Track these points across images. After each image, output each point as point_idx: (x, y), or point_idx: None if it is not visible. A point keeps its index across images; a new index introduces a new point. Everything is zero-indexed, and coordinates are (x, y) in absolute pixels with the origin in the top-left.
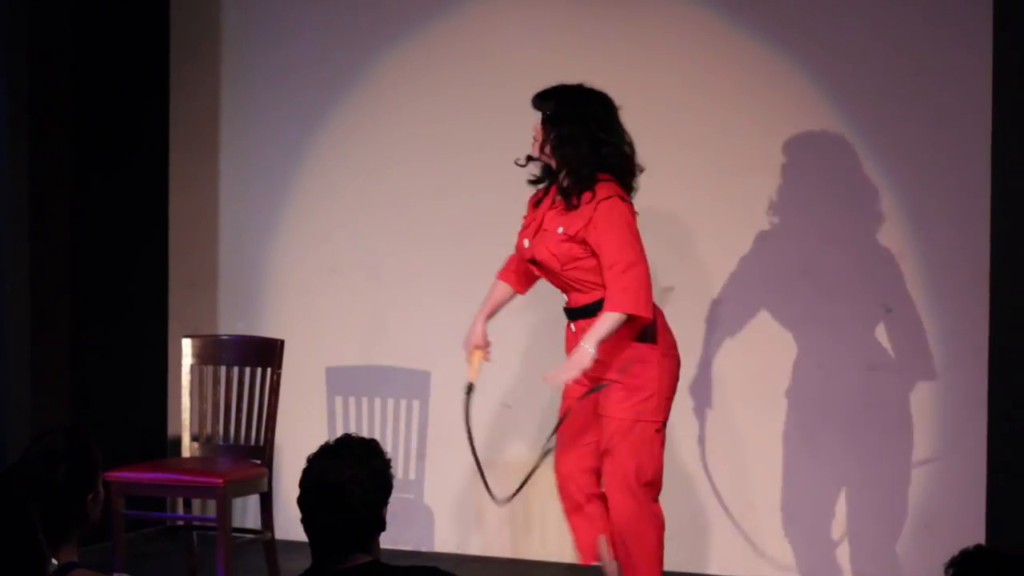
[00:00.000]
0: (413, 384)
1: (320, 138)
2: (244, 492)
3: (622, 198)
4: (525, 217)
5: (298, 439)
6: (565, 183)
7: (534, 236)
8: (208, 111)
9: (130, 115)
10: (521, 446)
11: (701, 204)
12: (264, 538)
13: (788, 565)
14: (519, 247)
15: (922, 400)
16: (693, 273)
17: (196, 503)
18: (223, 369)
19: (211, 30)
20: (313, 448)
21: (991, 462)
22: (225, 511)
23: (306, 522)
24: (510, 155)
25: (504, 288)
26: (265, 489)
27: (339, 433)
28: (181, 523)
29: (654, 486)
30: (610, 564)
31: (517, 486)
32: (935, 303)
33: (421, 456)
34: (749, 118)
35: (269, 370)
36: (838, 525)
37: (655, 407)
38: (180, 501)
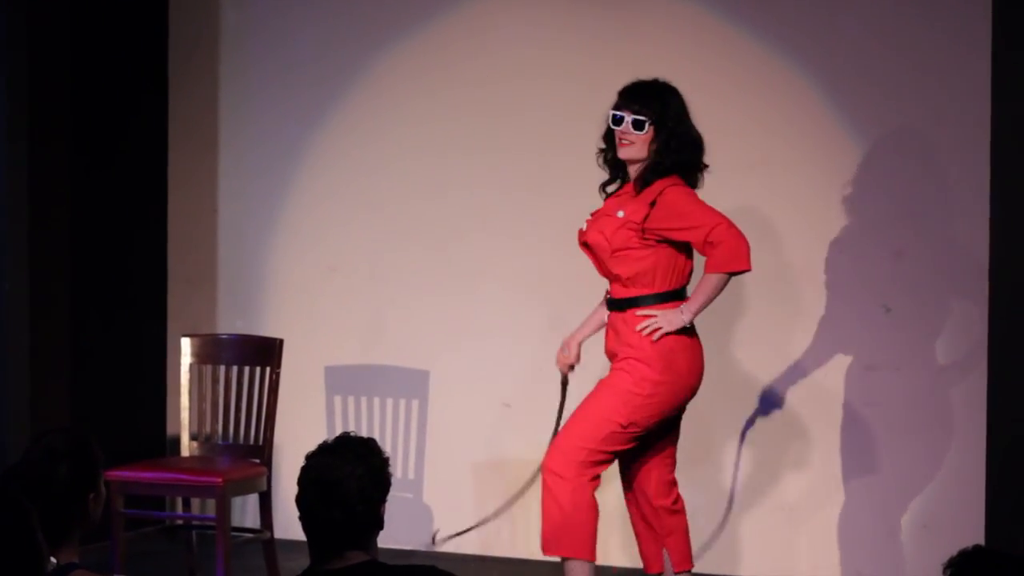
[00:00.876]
0: (412, 383)
1: (319, 136)
2: (243, 491)
3: (682, 182)
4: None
5: (297, 438)
6: (645, 176)
7: (592, 221)
8: (207, 109)
9: (129, 113)
10: (522, 445)
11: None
12: (263, 537)
13: (787, 564)
14: (579, 232)
15: (921, 400)
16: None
17: (195, 502)
18: (222, 368)
19: (210, 29)
20: (312, 447)
21: (990, 462)
22: (224, 510)
23: (304, 519)
24: (510, 153)
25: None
26: (264, 488)
27: (338, 432)
28: (180, 522)
29: (587, 466)
30: None
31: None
32: (934, 303)
33: (420, 455)
34: (747, 117)
35: (268, 369)
36: (837, 525)
37: (632, 408)
38: (179, 500)
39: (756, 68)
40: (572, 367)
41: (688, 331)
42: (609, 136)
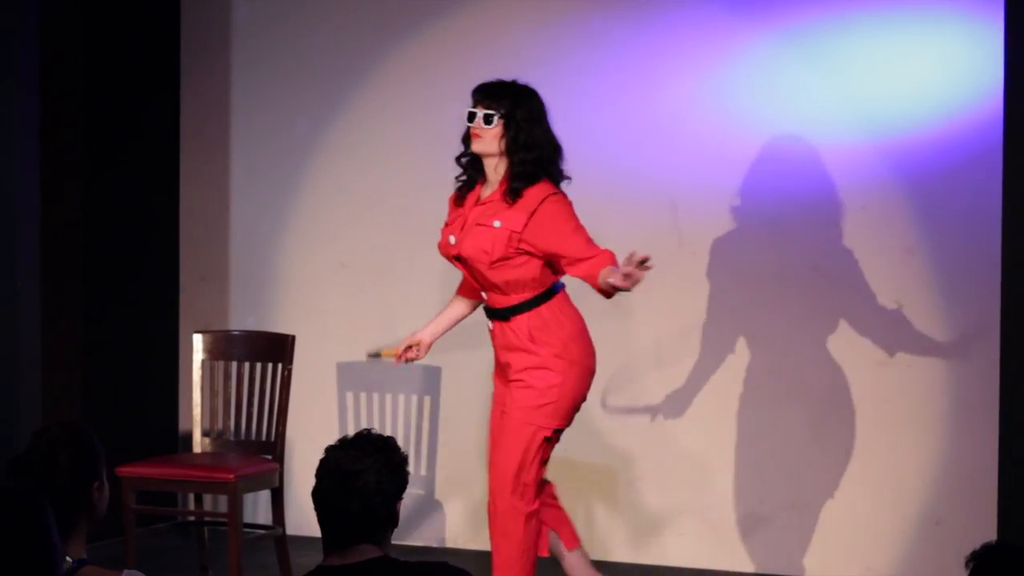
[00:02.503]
0: (424, 379)
1: (330, 133)
2: (255, 488)
3: (562, 194)
4: (449, 215)
5: (309, 435)
6: (514, 184)
7: (460, 232)
8: (218, 106)
9: (141, 111)
10: None
11: (708, 201)
12: (275, 534)
13: (799, 560)
14: (443, 244)
15: (933, 395)
16: (702, 270)
17: (207, 498)
18: (234, 364)
19: (221, 25)
20: (324, 443)
21: (1003, 457)
22: (236, 506)
23: (320, 509)
24: None
25: (460, 302)
26: (276, 484)
27: (350, 428)
28: (192, 518)
29: (531, 487)
30: (569, 556)
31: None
32: (946, 298)
33: (432, 452)
34: (758, 114)
35: (280, 365)
36: (849, 520)
37: (551, 414)
38: (191, 496)
39: (764, 65)
40: (411, 360)
41: (576, 317)
42: (465, 135)
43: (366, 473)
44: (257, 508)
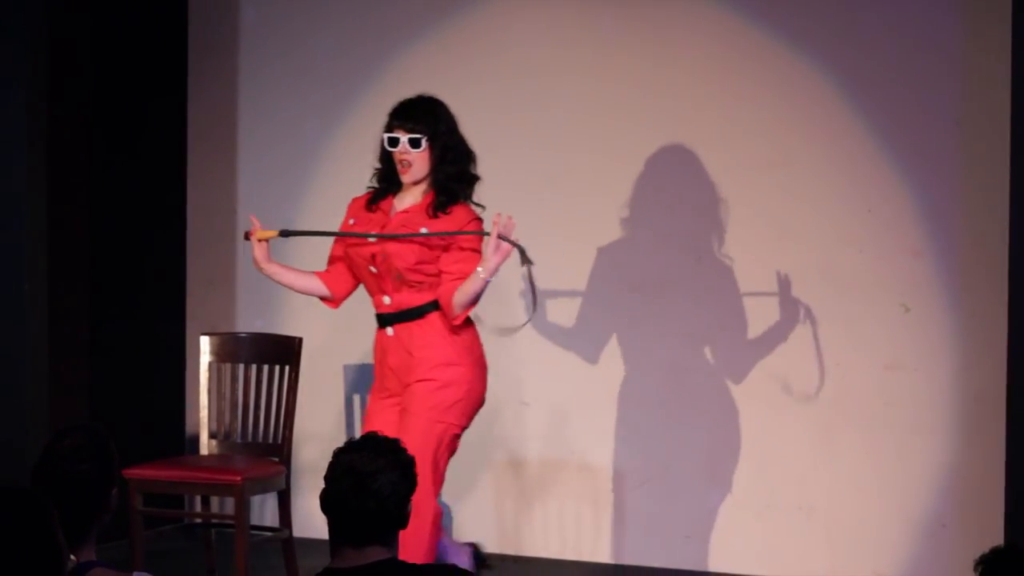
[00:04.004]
0: None
1: (337, 135)
2: (262, 490)
3: (478, 221)
4: (354, 217)
5: (316, 437)
6: (439, 198)
7: (381, 231)
8: (226, 108)
9: (148, 113)
10: (541, 444)
11: (716, 203)
12: (282, 536)
13: (806, 564)
14: (356, 243)
15: (940, 399)
16: (710, 272)
17: (214, 501)
18: (241, 367)
19: (229, 27)
20: (331, 446)
21: (1010, 461)
22: (243, 509)
23: (334, 510)
24: (527, 151)
25: (316, 283)
26: (283, 487)
27: (357, 431)
28: (199, 521)
29: (438, 486)
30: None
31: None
32: (953, 302)
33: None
34: (766, 116)
35: (287, 368)
36: (856, 524)
37: (462, 411)
38: (198, 499)
39: (774, 67)
40: (248, 235)
41: (471, 323)
42: (385, 157)
43: (380, 474)
44: (264, 510)
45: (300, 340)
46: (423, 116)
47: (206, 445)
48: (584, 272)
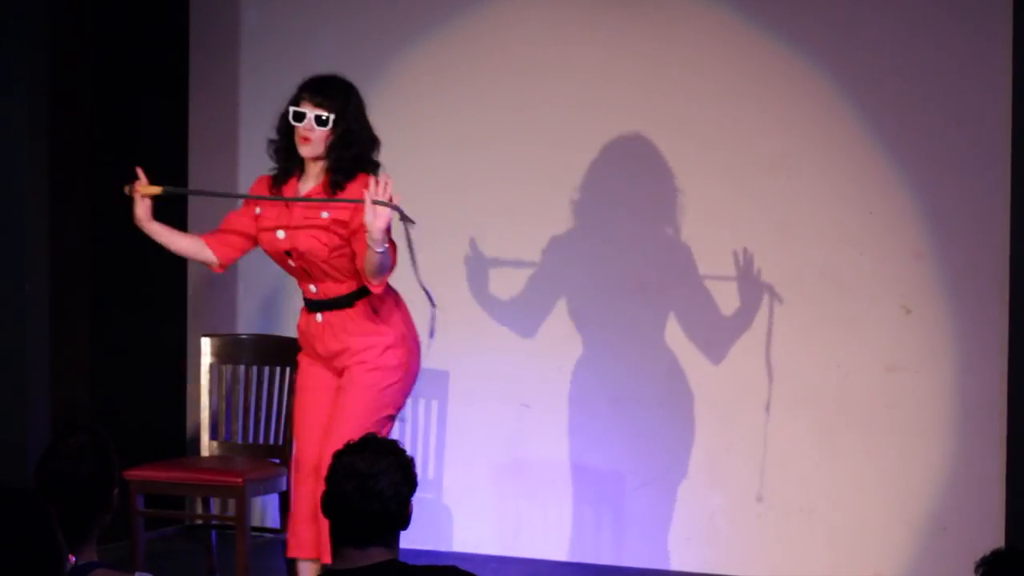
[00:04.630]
0: (431, 383)
1: None
2: (263, 491)
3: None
4: (257, 206)
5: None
6: (335, 177)
7: (288, 228)
8: (227, 107)
9: (149, 112)
10: (542, 446)
11: (719, 203)
12: (283, 537)
13: (807, 565)
14: (269, 240)
15: (941, 401)
16: (710, 272)
17: (215, 502)
18: (242, 368)
19: (230, 26)
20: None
21: (1010, 464)
22: (244, 510)
23: (337, 511)
24: (531, 150)
25: (200, 246)
26: (284, 488)
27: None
28: (200, 522)
29: None
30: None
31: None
32: (954, 304)
33: (439, 455)
34: (767, 116)
35: (288, 369)
36: (857, 525)
37: (398, 392)
38: (199, 500)
39: (776, 67)
40: (130, 190)
41: (401, 300)
42: (285, 130)
43: (383, 475)
44: (265, 512)
45: None
46: (334, 94)
47: (207, 446)
48: (584, 272)
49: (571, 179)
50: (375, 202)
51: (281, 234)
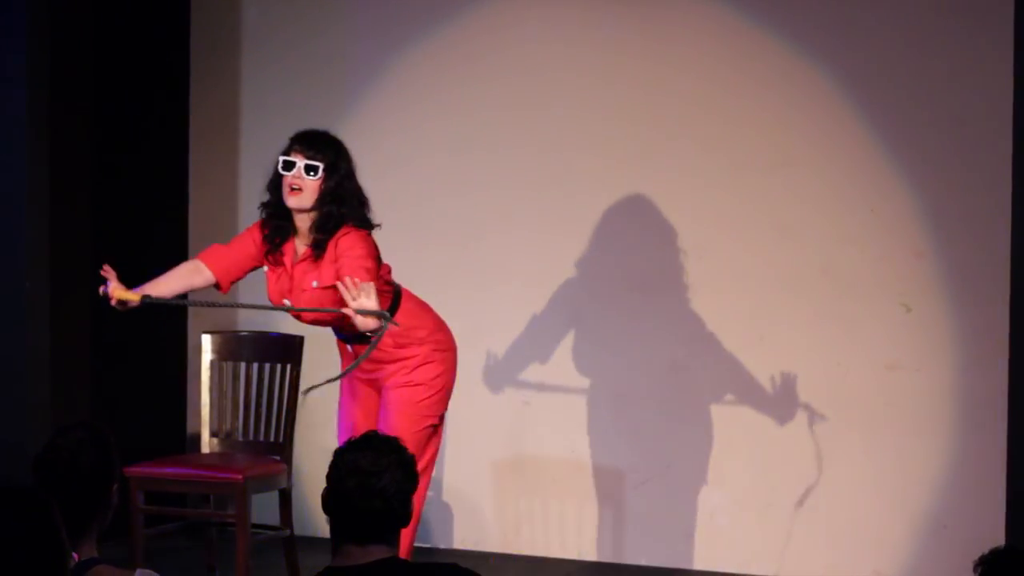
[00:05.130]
0: None
1: (339, 134)
2: (263, 488)
3: (357, 229)
4: (268, 264)
5: (317, 436)
6: (317, 236)
7: (291, 294)
8: (228, 107)
9: (150, 111)
10: (542, 444)
11: (719, 203)
12: (283, 535)
13: (807, 564)
14: (274, 300)
15: (941, 400)
16: (711, 272)
17: (215, 499)
18: (243, 365)
19: (231, 26)
20: (333, 445)
21: (1010, 462)
22: (244, 507)
23: (339, 508)
24: (530, 151)
25: (197, 273)
26: (285, 485)
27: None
28: (200, 519)
29: (425, 477)
30: None
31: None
32: (955, 302)
33: (440, 453)
34: (768, 116)
35: (289, 366)
36: (856, 524)
37: (438, 401)
38: (200, 497)
39: (777, 66)
40: (104, 293)
41: (426, 307)
42: (276, 185)
43: (385, 473)
44: (265, 509)
45: (302, 339)
46: (325, 147)
47: (208, 443)
48: (585, 271)
49: (571, 179)
50: (360, 312)
51: (287, 302)
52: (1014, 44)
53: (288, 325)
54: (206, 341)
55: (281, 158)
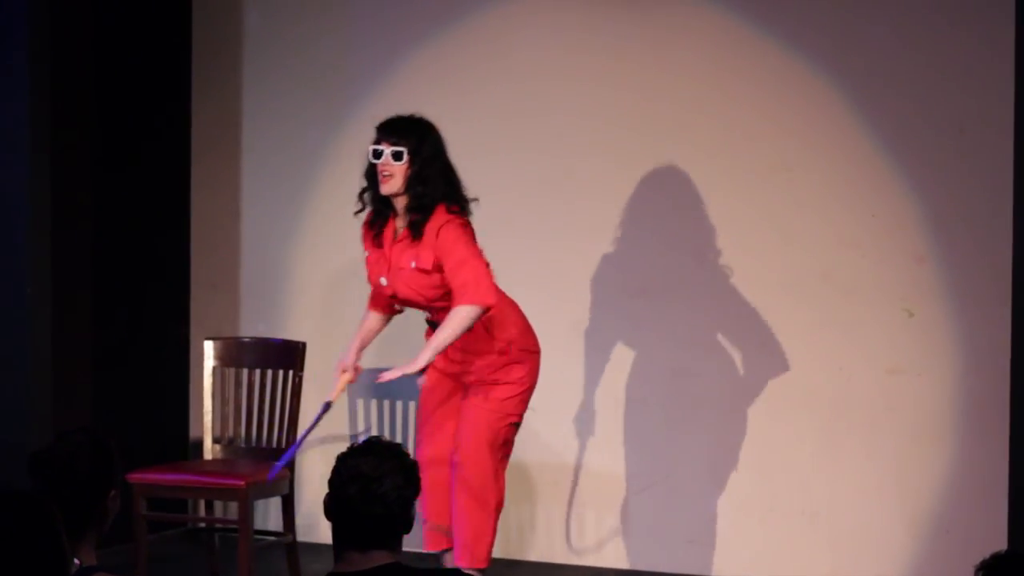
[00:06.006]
0: None
1: (341, 140)
2: (266, 494)
3: (456, 217)
4: (367, 250)
5: (320, 442)
6: (412, 217)
7: (388, 273)
8: (230, 113)
9: (152, 117)
10: (544, 449)
11: (721, 207)
12: (286, 540)
13: (809, 568)
14: (374, 283)
15: (943, 404)
16: (712, 276)
17: (218, 505)
18: (245, 371)
19: (233, 32)
20: (334, 451)
21: (1013, 467)
22: (247, 513)
23: (341, 514)
24: (529, 156)
25: (375, 318)
26: (287, 491)
27: (360, 436)
28: (203, 525)
29: (499, 474)
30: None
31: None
32: (956, 306)
33: None
34: (768, 120)
35: (291, 372)
36: (859, 528)
37: (520, 402)
38: (202, 503)
39: (777, 72)
40: (352, 373)
41: (518, 309)
42: (370, 173)
43: (386, 478)
44: (268, 515)
45: (304, 345)
46: (407, 132)
47: (210, 450)
48: (586, 276)
49: (572, 185)
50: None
51: (384, 280)
52: (1015, 48)
53: (289, 331)
54: (208, 347)
55: (371, 147)
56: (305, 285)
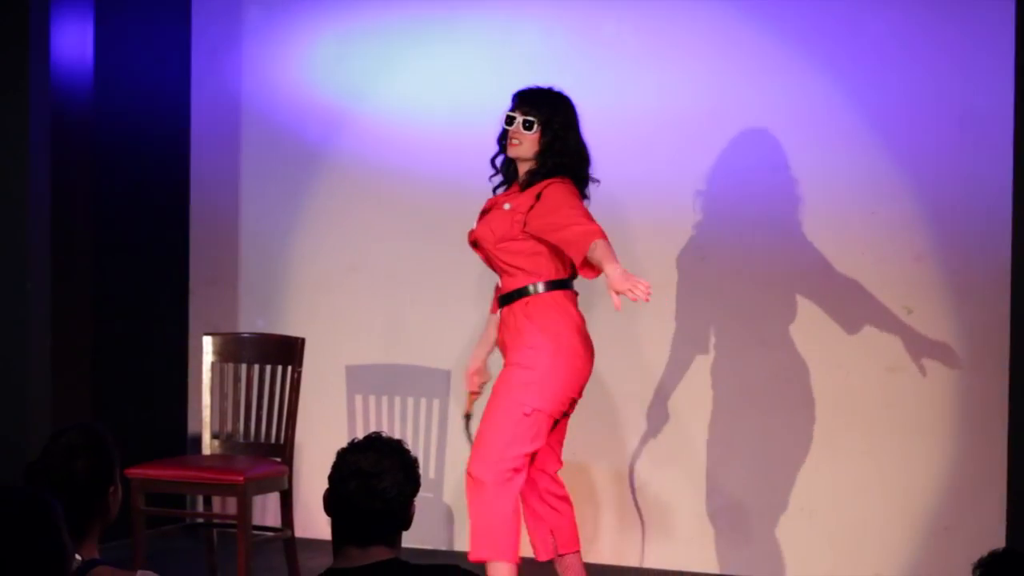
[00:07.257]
0: (433, 383)
1: (341, 137)
2: (264, 490)
3: (569, 182)
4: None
5: (318, 437)
6: (527, 178)
7: (481, 218)
8: (229, 109)
9: (151, 114)
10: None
11: (720, 206)
12: (284, 536)
13: (808, 566)
14: (470, 234)
15: (942, 402)
16: (712, 274)
17: (216, 501)
18: (243, 367)
19: (233, 29)
20: (333, 446)
21: (1011, 464)
22: (245, 509)
23: (340, 510)
24: None
25: (495, 323)
26: (285, 487)
27: (359, 431)
28: (201, 521)
29: (503, 468)
30: (561, 560)
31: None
32: (956, 304)
33: (440, 455)
34: (769, 118)
35: (290, 368)
36: (858, 526)
37: (535, 392)
38: (200, 499)
39: (778, 68)
40: (481, 383)
41: (575, 316)
42: (502, 137)
43: (386, 475)
44: (266, 510)
45: (303, 340)
46: (542, 103)
47: (208, 445)
48: None
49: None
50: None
51: (474, 224)
52: (1015, 46)
53: (287, 326)
54: (207, 343)
55: (506, 113)
56: (304, 281)
